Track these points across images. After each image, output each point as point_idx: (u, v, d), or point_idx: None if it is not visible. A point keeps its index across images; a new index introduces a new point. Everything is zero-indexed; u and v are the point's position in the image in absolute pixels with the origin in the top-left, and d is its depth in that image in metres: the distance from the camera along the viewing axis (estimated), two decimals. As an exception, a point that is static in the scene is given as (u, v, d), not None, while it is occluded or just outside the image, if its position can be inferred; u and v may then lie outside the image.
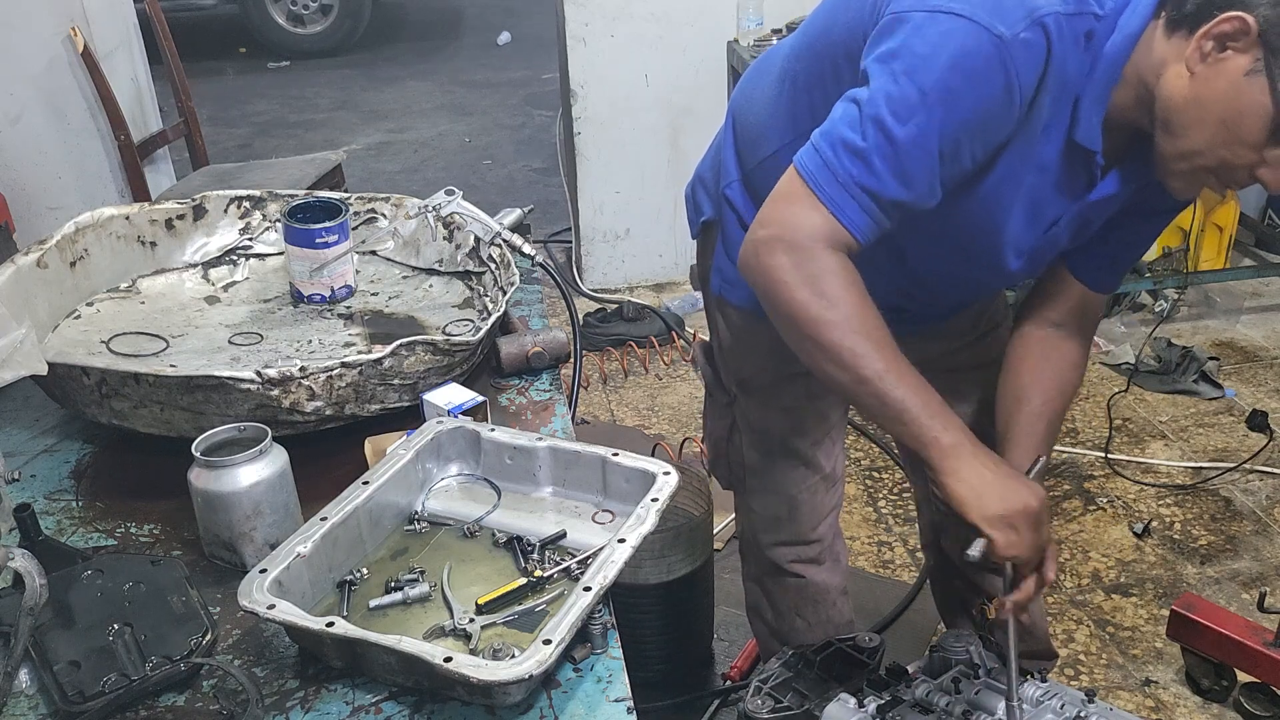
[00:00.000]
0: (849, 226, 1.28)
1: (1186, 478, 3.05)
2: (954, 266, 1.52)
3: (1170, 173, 1.31)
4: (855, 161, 1.25)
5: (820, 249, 1.28)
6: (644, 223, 4.23)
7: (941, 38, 1.21)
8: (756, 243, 1.32)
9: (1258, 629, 2.22)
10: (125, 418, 1.51)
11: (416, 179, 5.66)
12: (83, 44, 3.36)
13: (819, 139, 1.29)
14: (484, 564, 1.31)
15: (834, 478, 1.84)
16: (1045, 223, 1.41)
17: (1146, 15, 1.24)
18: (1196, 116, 1.23)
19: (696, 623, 2.39)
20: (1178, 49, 1.22)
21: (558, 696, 1.14)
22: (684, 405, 3.51)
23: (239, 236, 2.02)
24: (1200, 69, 1.20)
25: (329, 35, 7.89)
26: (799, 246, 1.28)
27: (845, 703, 1.45)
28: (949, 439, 1.32)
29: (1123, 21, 1.25)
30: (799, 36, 1.53)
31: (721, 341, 1.79)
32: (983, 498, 1.32)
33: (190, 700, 1.15)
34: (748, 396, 1.78)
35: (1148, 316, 3.81)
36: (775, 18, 3.71)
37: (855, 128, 1.26)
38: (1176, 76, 1.22)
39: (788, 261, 1.29)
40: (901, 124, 1.23)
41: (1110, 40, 1.25)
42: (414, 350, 1.54)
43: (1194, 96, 1.22)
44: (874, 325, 1.31)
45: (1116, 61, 1.26)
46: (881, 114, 1.24)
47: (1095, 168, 1.34)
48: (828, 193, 1.27)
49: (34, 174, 3.54)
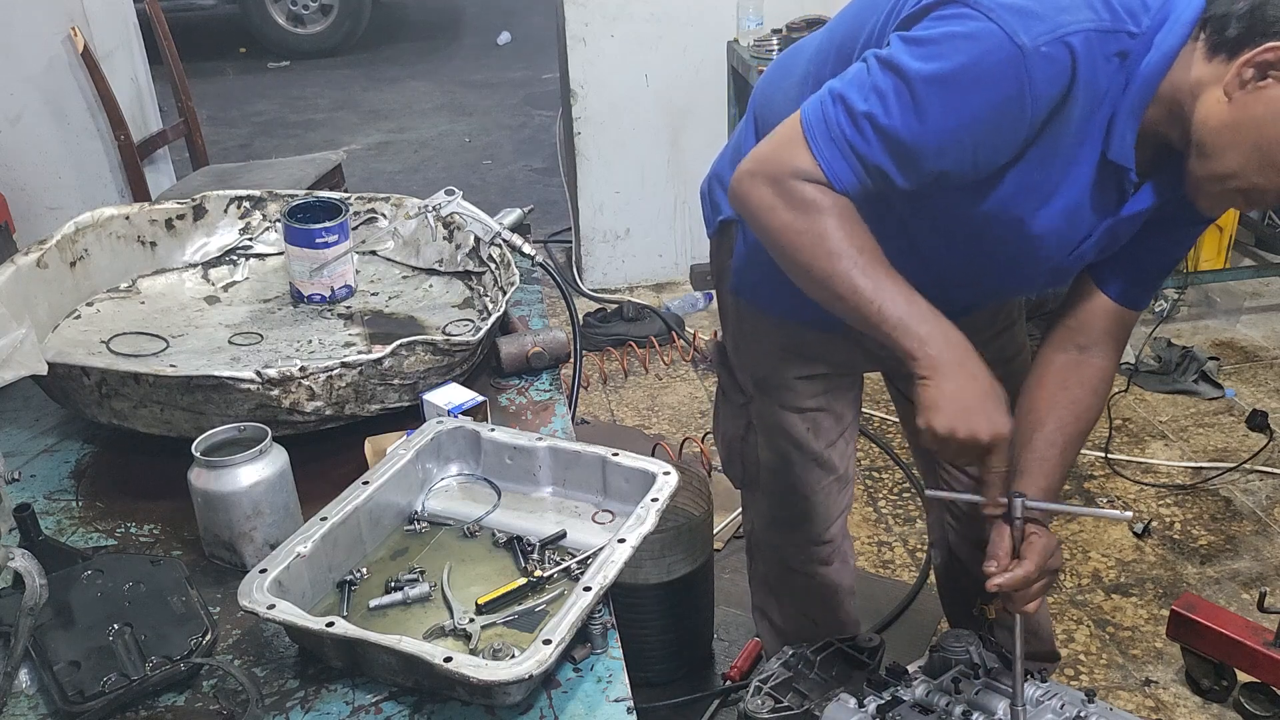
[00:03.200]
0: (832, 179, 1.30)
1: (1186, 478, 3.05)
2: (980, 273, 1.50)
3: (1200, 193, 1.31)
4: (851, 123, 1.27)
5: (797, 181, 1.31)
6: (644, 223, 4.23)
7: (964, 35, 1.20)
8: (744, 173, 1.36)
9: (1258, 629, 2.22)
10: (125, 418, 1.51)
11: (416, 179, 5.66)
12: (83, 44, 3.36)
13: (826, 92, 1.31)
14: (484, 564, 1.31)
15: (847, 478, 1.84)
16: (1078, 237, 1.40)
17: (1184, 35, 1.23)
18: (1231, 141, 1.23)
19: (696, 623, 2.39)
20: (1217, 73, 1.21)
21: (558, 696, 1.14)
22: (684, 405, 3.52)
23: (239, 236, 2.02)
24: (1239, 95, 1.20)
25: (329, 35, 7.89)
26: (781, 179, 1.32)
27: (845, 703, 1.45)
28: (932, 350, 1.31)
29: (1159, 40, 1.24)
30: (824, 37, 1.53)
31: (737, 341, 1.79)
32: (938, 411, 1.31)
33: (190, 700, 1.15)
34: (764, 396, 1.78)
35: (1148, 316, 3.81)
36: (775, 18, 3.71)
37: (862, 91, 1.27)
38: (1215, 101, 1.22)
39: (770, 191, 1.33)
40: (903, 108, 1.24)
41: (1146, 59, 1.24)
42: (414, 350, 1.54)
43: (1231, 121, 1.22)
44: (858, 241, 1.32)
45: (1151, 80, 1.25)
46: (886, 90, 1.24)
47: (1128, 184, 1.34)
48: (819, 145, 1.29)
49: (34, 174, 3.54)
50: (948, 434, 1.30)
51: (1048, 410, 1.51)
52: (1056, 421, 1.50)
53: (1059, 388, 1.52)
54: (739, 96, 3.93)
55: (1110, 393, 1.59)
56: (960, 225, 1.40)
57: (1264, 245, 4.22)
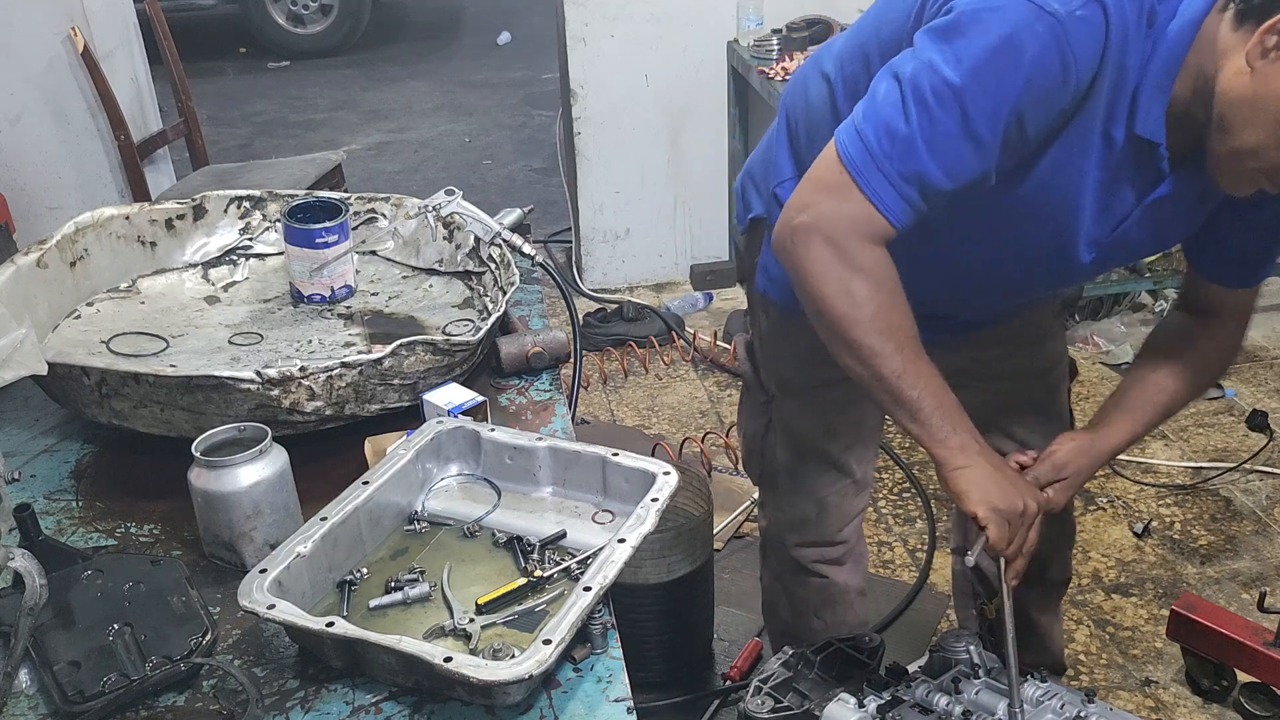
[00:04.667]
0: (887, 215, 1.26)
1: (1186, 478, 3.05)
2: (1017, 261, 1.47)
3: (1221, 171, 1.26)
4: (898, 148, 1.23)
5: (857, 243, 1.27)
6: (644, 223, 4.23)
7: (995, 16, 1.17)
8: (795, 228, 1.31)
9: (1258, 629, 2.22)
10: (125, 418, 1.51)
11: (416, 179, 5.66)
12: (83, 44, 3.35)
13: (862, 121, 1.26)
14: (484, 564, 1.31)
15: (864, 483, 1.85)
16: (1115, 218, 1.36)
17: (1210, 1, 1.19)
18: (1251, 114, 1.17)
19: (696, 623, 2.39)
20: (1242, 41, 1.16)
21: (558, 696, 1.14)
22: (684, 405, 3.51)
23: (239, 236, 2.02)
24: (1260, 65, 1.15)
25: (329, 35, 7.88)
26: (836, 240, 1.27)
27: (845, 703, 1.45)
28: (957, 440, 1.34)
29: (1184, 7, 1.19)
30: (850, 36, 1.51)
31: (763, 339, 1.79)
32: (984, 490, 1.35)
33: (190, 700, 1.15)
34: (786, 397, 1.78)
35: (1148, 316, 3.81)
36: (775, 18, 3.71)
37: (899, 109, 1.22)
38: (1236, 71, 1.17)
39: (824, 254, 1.28)
40: (946, 108, 1.20)
41: (1171, 25, 1.19)
42: (414, 350, 1.54)
43: (1252, 93, 1.16)
44: (898, 325, 1.30)
45: (1175, 49, 1.20)
46: (925, 95, 1.20)
47: (1160, 160, 1.28)
48: (868, 181, 1.25)
49: (34, 174, 3.53)
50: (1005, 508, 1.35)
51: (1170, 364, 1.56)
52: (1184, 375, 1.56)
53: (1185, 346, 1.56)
54: (739, 96, 3.93)
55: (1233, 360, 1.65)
56: (994, 221, 1.38)
57: (1264, 245, 4.22)
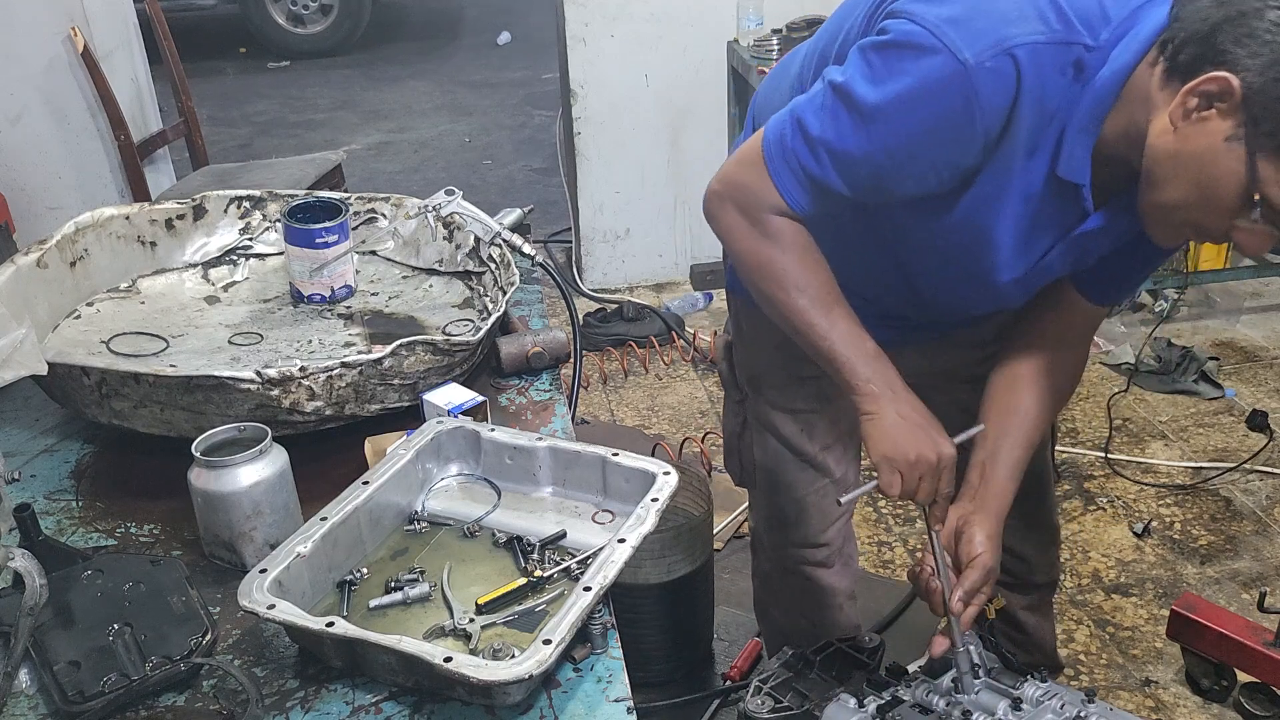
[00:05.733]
0: (787, 200, 1.35)
1: (1186, 478, 3.05)
2: (950, 282, 1.51)
3: (1150, 222, 1.29)
4: (804, 147, 1.31)
5: (764, 214, 1.37)
6: (644, 223, 4.23)
7: (913, 54, 1.21)
8: (713, 193, 1.43)
9: (1258, 629, 2.22)
10: (125, 418, 1.51)
11: (416, 179, 5.66)
12: (83, 44, 3.36)
13: (786, 112, 1.34)
14: (484, 564, 1.31)
15: (845, 483, 1.84)
16: (1038, 251, 1.40)
17: (1139, 51, 1.19)
18: (1174, 172, 1.19)
19: (696, 623, 2.39)
20: (1168, 99, 1.17)
21: (558, 696, 1.14)
22: (684, 405, 3.51)
23: (239, 236, 2.02)
24: (1183, 125, 1.16)
25: (329, 35, 7.89)
26: (745, 209, 1.39)
27: (845, 703, 1.45)
28: (867, 388, 1.40)
29: (1115, 54, 1.20)
30: (813, 42, 1.54)
31: (736, 338, 1.82)
32: (887, 437, 1.40)
33: (190, 700, 1.15)
34: (758, 395, 1.79)
35: (1148, 316, 3.81)
36: (775, 18, 3.70)
37: (817, 114, 1.30)
38: (1162, 129, 1.18)
39: (736, 219, 1.40)
40: (854, 127, 1.27)
41: (1100, 73, 1.21)
42: (414, 350, 1.54)
43: (1174, 152, 1.18)
44: (809, 282, 1.39)
45: (1104, 96, 1.22)
46: (839, 111, 1.27)
47: (1084, 200, 1.31)
48: (777, 169, 1.34)
49: (34, 174, 3.53)
50: (899, 456, 1.39)
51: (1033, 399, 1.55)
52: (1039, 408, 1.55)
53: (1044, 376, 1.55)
54: (739, 96, 3.93)
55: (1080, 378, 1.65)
56: (924, 238, 1.42)
57: (1264, 245, 4.22)
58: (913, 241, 1.45)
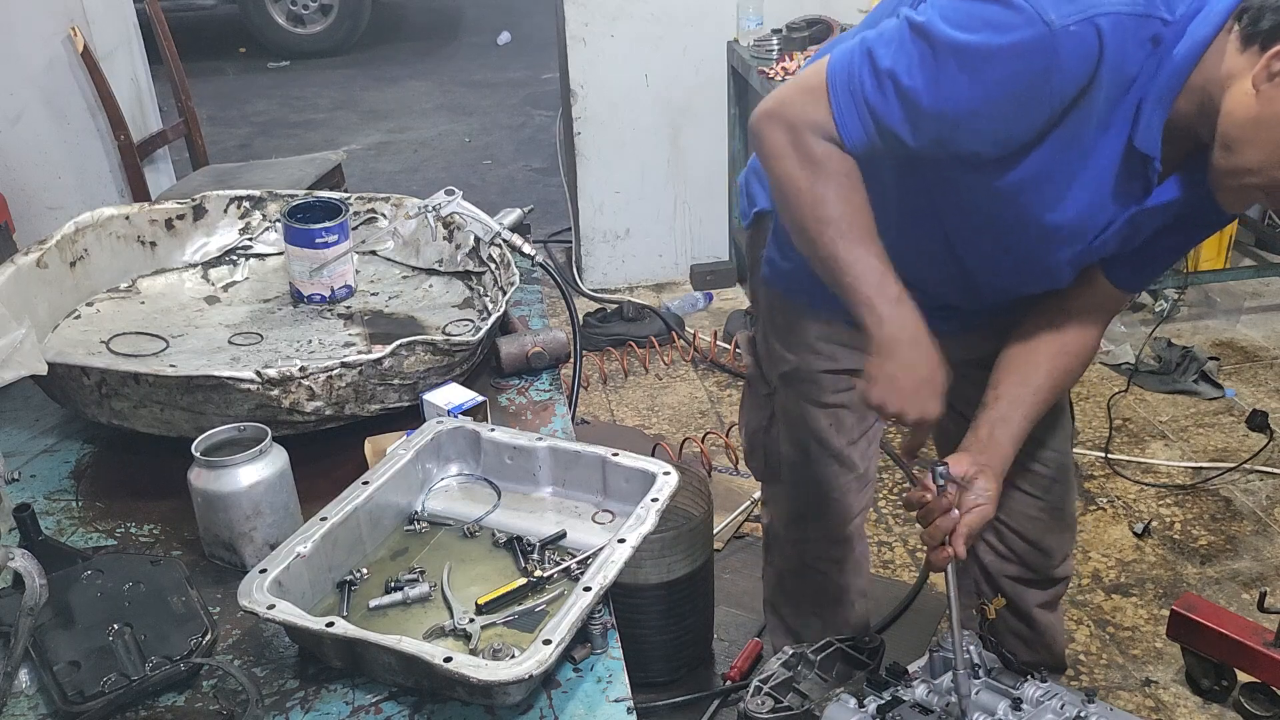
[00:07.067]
0: (842, 133, 1.32)
1: (1186, 478, 3.05)
2: (1001, 259, 1.51)
3: (1222, 187, 1.30)
4: (873, 80, 1.28)
5: (812, 138, 1.34)
6: (644, 223, 4.23)
7: (998, 7, 1.20)
8: (765, 111, 1.39)
9: (1258, 629, 2.22)
10: (125, 418, 1.51)
11: (416, 179, 5.66)
12: (83, 44, 3.36)
13: (859, 43, 1.32)
14: (484, 564, 1.31)
15: (867, 478, 1.85)
16: (1099, 225, 1.40)
17: (1217, 24, 1.22)
18: (1255, 135, 1.21)
19: (696, 623, 2.39)
20: (1249, 64, 1.20)
21: (558, 696, 1.14)
22: (684, 405, 3.51)
23: (239, 236, 2.02)
24: (1266, 88, 1.19)
25: (329, 35, 7.89)
26: (794, 130, 1.35)
27: (845, 703, 1.45)
28: (889, 330, 1.39)
29: (1192, 28, 1.22)
30: (850, 34, 1.53)
31: (766, 332, 1.81)
32: (878, 384, 1.41)
33: (190, 700, 1.15)
34: (788, 389, 1.79)
35: (1148, 316, 3.81)
36: (775, 18, 3.71)
37: (888, 47, 1.27)
38: (1242, 93, 1.20)
39: (782, 139, 1.36)
40: (926, 73, 1.24)
41: (1178, 47, 1.23)
42: (414, 350, 1.54)
43: (1256, 115, 1.20)
44: (840, 215, 1.36)
45: (1183, 69, 1.23)
46: (912, 48, 1.25)
47: (1152, 173, 1.32)
48: (838, 97, 1.31)
49: (34, 174, 3.53)
50: (878, 406, 1.41)
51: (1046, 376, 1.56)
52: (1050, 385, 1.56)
53: (1059, 355, 1.56)
54: (739, 96, 3.93)
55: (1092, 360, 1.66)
56: (980, 204, 1.41)
57: (1264, 245, 4.22)
58: (971, 211, 1.43)
